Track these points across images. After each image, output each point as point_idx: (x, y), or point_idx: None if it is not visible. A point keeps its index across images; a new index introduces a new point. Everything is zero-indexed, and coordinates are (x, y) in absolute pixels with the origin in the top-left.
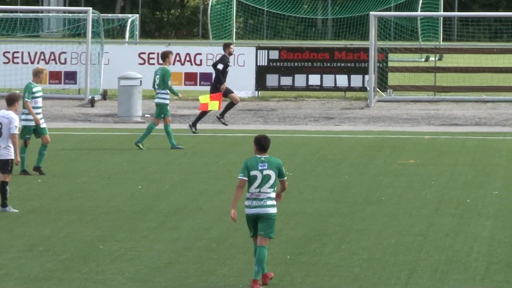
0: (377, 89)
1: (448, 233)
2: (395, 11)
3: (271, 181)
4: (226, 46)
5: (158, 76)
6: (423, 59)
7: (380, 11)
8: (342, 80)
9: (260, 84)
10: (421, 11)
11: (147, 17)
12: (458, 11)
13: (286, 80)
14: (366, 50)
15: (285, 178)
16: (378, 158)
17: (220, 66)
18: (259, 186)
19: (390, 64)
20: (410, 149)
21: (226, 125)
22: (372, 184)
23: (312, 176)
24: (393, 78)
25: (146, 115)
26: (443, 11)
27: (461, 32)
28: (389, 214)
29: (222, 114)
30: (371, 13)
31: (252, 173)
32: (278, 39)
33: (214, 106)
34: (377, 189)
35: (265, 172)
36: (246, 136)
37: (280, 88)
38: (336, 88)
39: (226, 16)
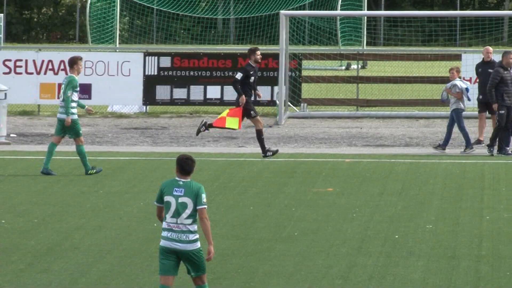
0: (289, 103)
1: (373, 275)
2: (310, 9)
3: (188, 211)
4: (251, 52)
5: (63, 86)
6: (344, 67)
7: (293, 9)
8: None
9: (149, 97)
10: (341, 10)
11: (13, 17)
12: (385, 9)
13: (180, 93)
14: (275, 56)
15: (204, 206)
16: (290, 185)
17: (238, 75)
18: (175, 215)
19: (304, 73)
20: (327, 174)
21: (276, 151)
22: (283, 217)
23: (211, 207)
24: (308, 90)
25: (11, 135)
26: (367, 9)
27: (389, 35)
28: (302, 253)
29: (264, 150)
30: (282, 12)
31: (166, 198)
32: (170, 43)
33: (233, 124)
34: (288, 223)
35: (180, 200)
36: (132, 160)
37: (172, 102)
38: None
39: (108, 16)
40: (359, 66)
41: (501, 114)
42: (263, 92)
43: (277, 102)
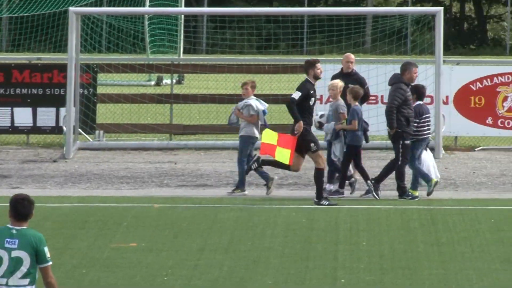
0: (79, 130)
1: None
2: (109, 5)
3: (24, 268)
4: (309, 66)
5: None
6: (153, 82)
7: (86, 5)
8: (23, 115)
9: None
10: (150, 6)
11: None
12: (209, 6)
13: None
14: (62, 67)
15: (49, 264)
16: (80, 239)
17: (296, 95)
18: (6, 274)
19: (101, 90)
20: (131, 224)
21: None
22: (70, 282)
23: None
24: (105, 113)
25: None
26: (185, 6)
27: (213, 40)
28: None
29: (320, 196)
30: (71, 9)
31: None
32: None
33: (283, 157)
34: None
35: (14, 254)
36: None
37: None
38: (13, 129)
39: None
40: (174, 81)
41: (406, 145)
42: (46, 116)
43: (64, 128)
